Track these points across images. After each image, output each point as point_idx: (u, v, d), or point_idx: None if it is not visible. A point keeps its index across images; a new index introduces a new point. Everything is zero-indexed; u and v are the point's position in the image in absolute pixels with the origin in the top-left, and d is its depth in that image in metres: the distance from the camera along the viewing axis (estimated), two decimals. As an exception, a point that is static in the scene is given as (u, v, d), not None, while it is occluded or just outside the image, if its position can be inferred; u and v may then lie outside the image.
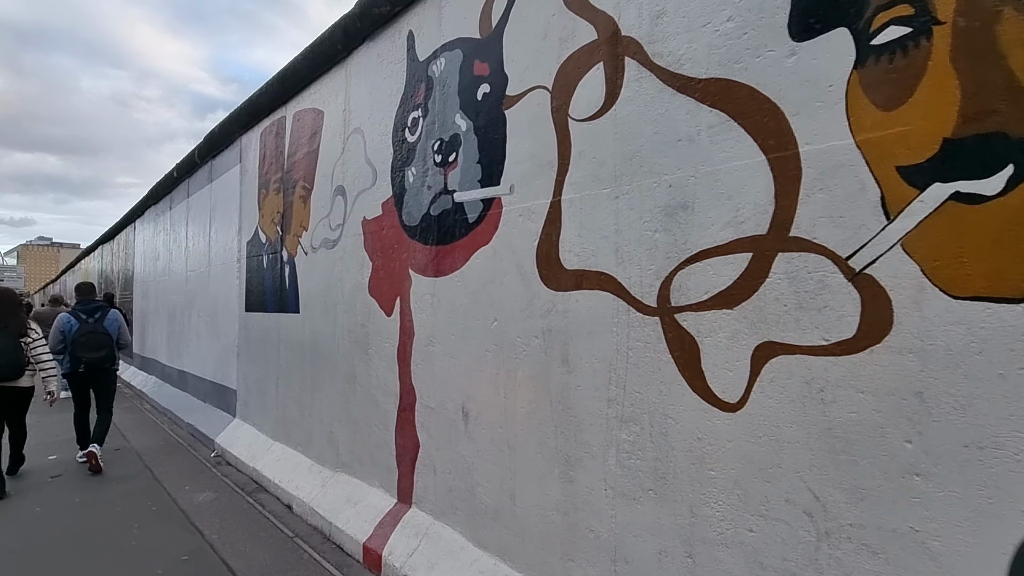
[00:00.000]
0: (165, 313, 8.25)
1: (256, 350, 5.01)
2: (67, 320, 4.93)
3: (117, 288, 12.62)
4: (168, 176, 7.83)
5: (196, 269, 6.77)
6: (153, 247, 9.15)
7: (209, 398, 6.18)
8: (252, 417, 5.07)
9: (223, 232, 5.90)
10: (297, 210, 4.37)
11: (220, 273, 5.95)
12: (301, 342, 4.24)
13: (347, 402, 3.63)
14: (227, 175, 5.83)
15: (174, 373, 7.64)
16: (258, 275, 5.01)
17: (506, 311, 2.47)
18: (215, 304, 6.11)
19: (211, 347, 6.20)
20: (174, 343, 7.70)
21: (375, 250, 3.40)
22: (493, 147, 2.57)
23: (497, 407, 2.50)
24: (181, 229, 7.46)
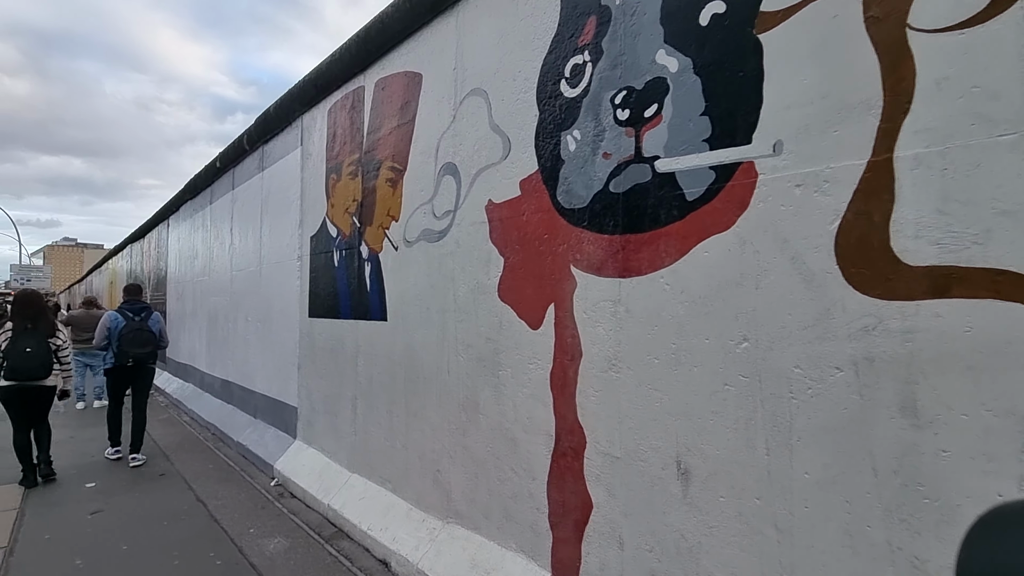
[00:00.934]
0: (204, 316, 7.60)
1: (324, 362, 4.29)
2: (114, 318, 5.20)
3: (148, 289, 12.08)
4: (209, 167, 7.17)
5: (244, 268, 6.09)
6: (190, 245, 8.53)
7: (261, 414, 5.48)
8: (319, 441, 4.34)
9: (278, 226, 5.19)
10: (382, 197, 3.63)
11: (275, 273, 5.25)
12: (390, 356, 3.49)
13: (464, 436, 2.87)
14: (284, 161, 5.12)
15: (216, 383, 6.98)
16: (327, 275, 4.28)
17: (769, 327, 1.67)
18: (268, 308, 5.41)
19: (263, 356, 5.50)
20: (216, 349, 7.03)
21: (509, 242, 2.62)
22: (734, 90, 1.78)
23: (750, 467, 1.71)
24: (224, 224, 6.80)
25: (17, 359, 4.26)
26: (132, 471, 4.92)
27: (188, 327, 8.47)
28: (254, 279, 5.76)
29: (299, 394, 4.69)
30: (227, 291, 6.64)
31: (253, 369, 5.74)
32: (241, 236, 6.20)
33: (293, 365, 4.81)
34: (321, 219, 4.40)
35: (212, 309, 7.24)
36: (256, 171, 5.81)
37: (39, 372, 4.34)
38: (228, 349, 6.54)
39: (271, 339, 5.31)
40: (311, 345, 4.50)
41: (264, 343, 5.48)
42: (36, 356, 4.32)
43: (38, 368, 4.33)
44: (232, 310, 6.44)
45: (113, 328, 5.13)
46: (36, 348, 4.33)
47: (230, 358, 6.46)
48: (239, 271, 6.24)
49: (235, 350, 6.30)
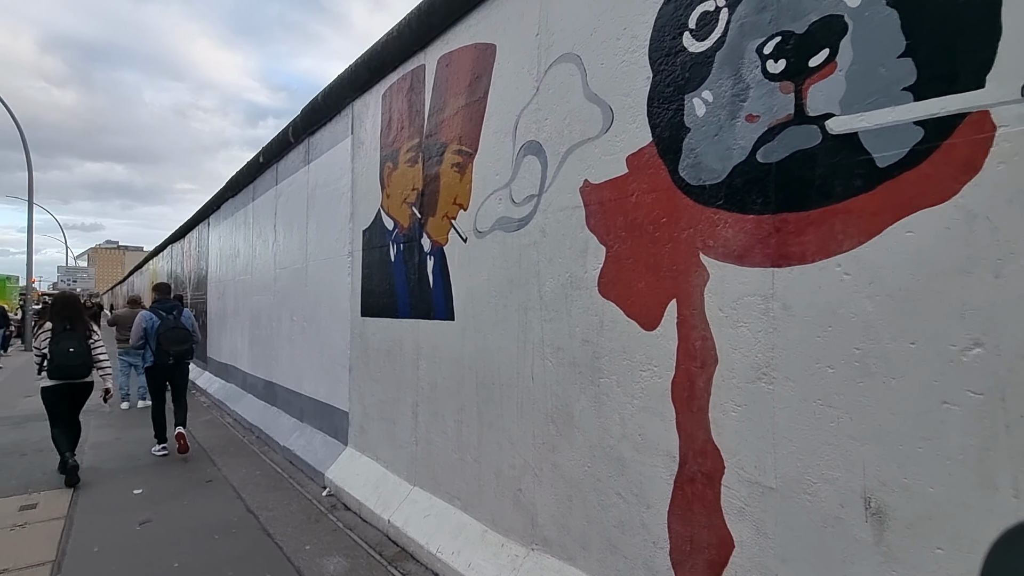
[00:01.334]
0: (246, 315, 7.45)
1: (379, 365, 3.99)
2: (149, 317, 5.31)
3: (189, 289, 12.13)
4: (252, 163, 7.01)
5: (288, 266, 5.87)
6: (231, 243, 8.42)
7: (308, 418, 5.23)
8: (374, 449, 4.05)
9: (327, 220, 4.93)
10: (447, 184, 3.30)
11: (322, 270, 4.99)
12: (458, 359, 3.16)
13: (553, 452, 2.51)
14: (333, 152, 4.86)
15: (259, 384, 6.80)
16: (382, 271, 3.99)
17: (1018, 328, 1.26)
18: (315, 306, 5.16)
19: (310, 357, 5.26)
20: (259, 350, 6.86)
21: (613, 228, 2.25)
22: (953, 20, 1.37)
23: (987, 513, 1.30)
24: (267, 221, 6.61)
25: (63, 358, 4.43)
26: (179, 476, 4.73)
27: (230, 327, 8.36)
28: (299, 277, 5.53)
29: (350, 398, 4.42)
30: (270, 289, 6.44)
31: (299, 370, 5.51)
32: (285, 232, 5.99)
33: (343, 367, 4.54)
34: (375, 211, 4.11)
35: (254, 308, 7.08)
36: (302, 164, 5.58)
37: (82, 371, 4.54)
38: (272, 349, 6.34)
39: (318, 339, 5.06)
40: (364, 346, 4.21)
41: (311, 344, 5.24)
42: (79, 355, 4.51)
43: (81, 367, 4.52)
44: (276, 309, 6.24)
45: (149, 327, 5.28)
46: (78, 347, 4.52)
47: (274, 359, 6.26)
48: (283, 269, 6.03)
49: (279, 350, 6.09)
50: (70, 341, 4.48)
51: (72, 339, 4.50)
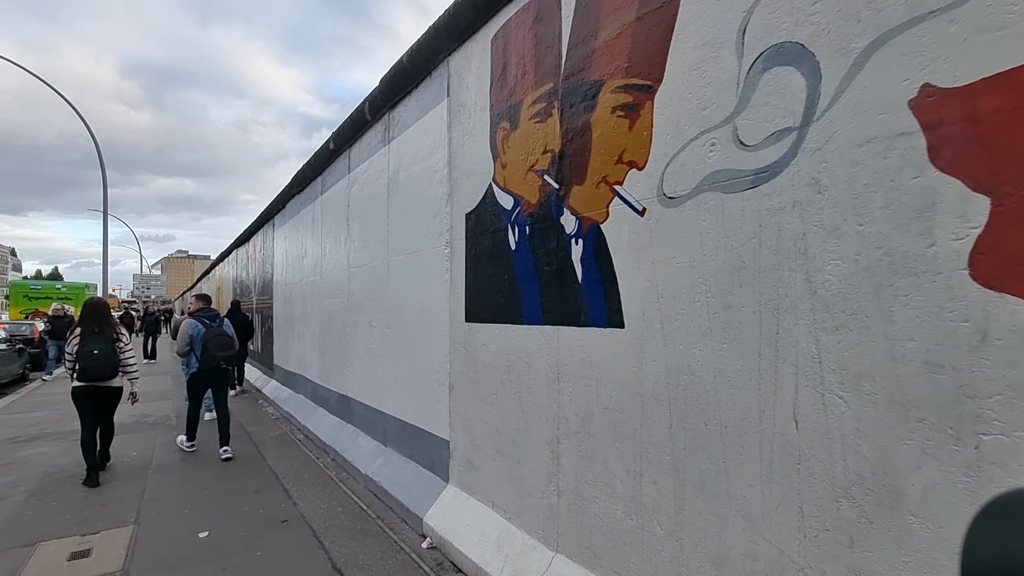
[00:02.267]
0: (315, 320, 6.80)
1: (494, 384, 3.09)
2: (194, 325, 5.44)
3: (254, 293, 11.81)
4: (321, 152, 6.34)
5: (365, 264, 5.11)
6: (297, 243, 7.84)
7: (394, 442, 4.43)
8: (488, 491, 3.16)
9: (414, 206, 4.11)
10: (606, 136, 2.36)
11: (409, 266, 4.18)
12: (631, 383, 2.21)
13: (851, 548, 1.50)
14: (421, 124, 4.03)
15: (331, 397, 6.11)
16: (496, 263, 3.10)
17: None
18: (400, 310, 4.35)
19: (394, 370, 4.45)
20: (330, 359, 6.17)
21: (1012, 162, 1.24)
22: None
23: None
24: (339, 214, 5.91)
25: (87, 360, 4.52)
26: (250, 512, 4.01)
27: (297, 332, 7.77)
28: (379, 276, 4.75)
29: (451, 423, 3.55)
30: (343, 291, 5.73)
31: (381, 385, 4.72)
32: (361, 225, 5.24)
33: (441, 384, 3.68)
34: (484, 187, 3.23)
35: (325, 312, 6.41)
36: (380, 144, 4.80)
37: (106, 372, 4.62)
38: (346, 359, 5.61)
39: (405, 349, 4.24)
40: (471, 359, 3.33)
41: (395, 354, 4.43)
42: (103, 357, 4.58)
43: (105, 368, 4.60)
44: (350, 313, 5.50)
45: (195, 335, 5.42)
46: (103, 350, 4.58)
47: (349, 370, 5.52)
48: (359, 267, 5.28)
49: (356, 361, 5.34)
50: (96, 344, 4.58)
51: (98, 342, 4.59)
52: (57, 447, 5.94)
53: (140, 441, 6.18)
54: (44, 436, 6.53)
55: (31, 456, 5.59)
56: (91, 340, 4.58)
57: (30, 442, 6.23)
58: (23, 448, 5.94)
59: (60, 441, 6.21)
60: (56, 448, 5.90)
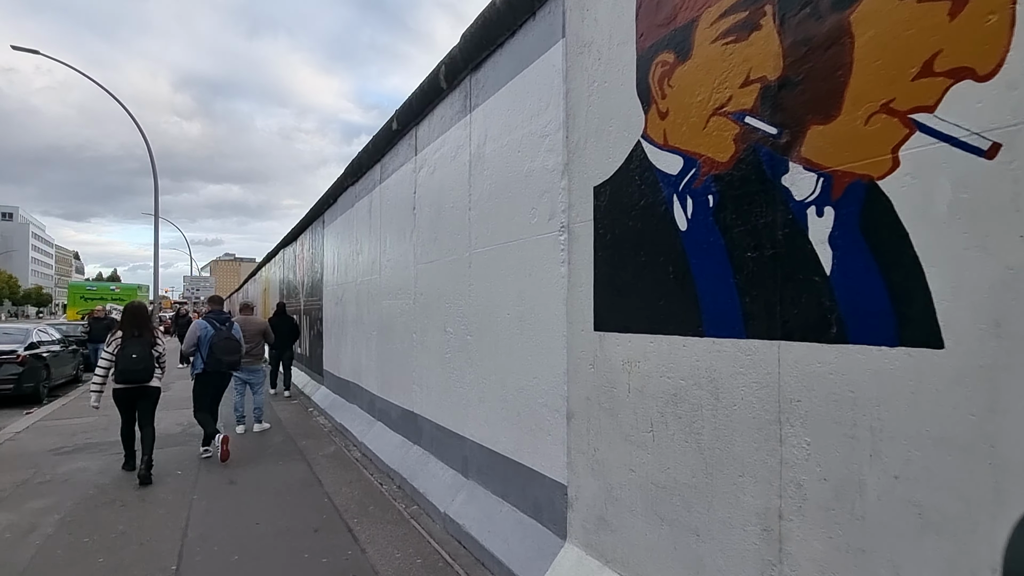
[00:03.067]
0: (373, 324, 6.10)
1: (649, 418, 2.23)
2: (204, 326, 5.47)
3: (302, 294, 11.34)
4: (381, 135, 5.64)
5: (437, 259, 4.34)
6: (350, 239, 7.18)
7: (481, 475, 3.62)
8: (637, 564, 2.29)
9: (508, 183, 3.30)
10: (886, 38, 1.46)
11: (501, 259, 3.36)
12: (963, 440, 1.30)
13: None
14: (521, 80, 3.21)
15: (392, 411, 5.38)
16: (650, 250, 2.24)
17: None
18: (486, 313, 3.54)
19: (479, 386, 3.65)
20: (392, 368, 5.44)
21: None
22: None
23: None
24: (402, 204, 5.18)
25: (126, 363, 4.71)
26: (312, 560, 3.27)
27: (351, 337, 7.11)
28: (457, 273, 3.97)
29: (571, 463, 2.71)
30: (408, 291, 4.98)
31: (460, 404, 3.93)
32: (431, 214, 4.47)
33: (553, 410, 2.85)
34: (627, 148, 2.37)
35: (384, 315, 5.69)
36: (459, 115, 4.02)
37: (143, 375, 4.81)
38: (412, 369, 4.86)
39: (495, 362, 3.43)
40: (606, 382, 2.48)
41: (481, 367, 3.63)
42: (141, 360, 4.76)
43: (142, 372, 4.79)
44: (418, 317, 4.74)
45: (203, 336, 5.43)
46: (141, 353, 4.77)
47: (417, 383, 4.77)
48: (429, 263, 4.51)
49: (425, 372, 4.58)
50: (135, 347, 4.75)
51: (137, 345, 4.76)
52: (100, 461, 5.42)
53: (186, 456, 5.60)
54: (88, 447, 6.05)
55: (72, 473, 5.07)
56: (130, 344, 4.75)
57: (73, 454, 5.75)
58: (65, 462, 5.45)
59: (104, 454, 5.70)
60: (99, 463, 5.38)
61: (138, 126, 16.74)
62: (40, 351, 9.99)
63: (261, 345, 6.82)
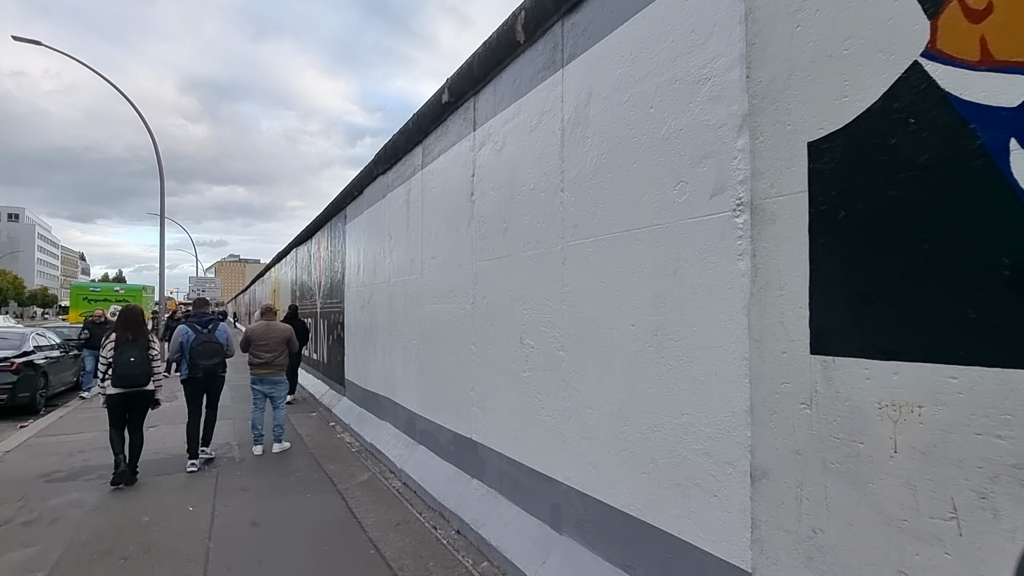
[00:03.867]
0: (411, 331, 5.29)
1: (950, 499, 1.41)
2: (185, 332, 5.37)
3: (318, 296, 10.55)
4: (426, 112, 4.83)
5: (507, 254, 3.53)
6: (380, 235, 6.38)
7: (587, 535, 2.78)
8: None
9: (633, 151, 2.48)
10: None
11: (616, 252, 2.55)
12: None
13: None
14: (655, 8, 2.39)
15: (441, 436, 4.56)
16: (945, 233, 1.42)
17: None
18: (590, 323, 2.72)
19: (579, 417, 2.83)
20: (440, 384, 4.63)
21: None
22: None
23: None
24: (455, 190, 4.36)
25: (124, 367, 4.65)
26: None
27: (381, 344, 6.30)
28: (543, 269, 3.15)
29: (761, 544, 1.88)
30: (462, 293, 4.17)
31: (550, 436, 3.10)
32: (499, 199, 3.66)
33: (724, 464, 2.02)
34: (892, 76, 1.55)
35: (429, 321, 4.88)
36: (544, 72, 3.19)
37: (142, 379, 4.77)
38: (470, 387, 4.05)
39: (613, 388, 2.61)
40: (838, 433, 1.65)
41: (584, 393, 2.81)
42: (139, 365, 4.72)
43: (141, 376, 4.75)
44: (478, 324, 3.93)
45: (185, 341, 5.33)
46: (139, 357, 4.73)
47: (477, 403, 3.95)
48: (495, 259, 3.70)
49: (491, 392, 3.76)
50: (131, 352, 4.72)
51: (133, 349, 4.74)
52: (97, 493, 4.63)
53: (198, 486, 4.80)
54: (85, 472, 5.27)
55: (63, 509, 4.28)
56: (127, 348, 4.73)
57: (67, 482, 4.96)
58: (57, 492, 4.66)
59: (102, 480, 4.92)
60: (96, 495, 4.59)
61: (143, 119, 16.05)
62: (37, 357, 9.22)
63: (285, 355, 6.01)
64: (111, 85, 15.73)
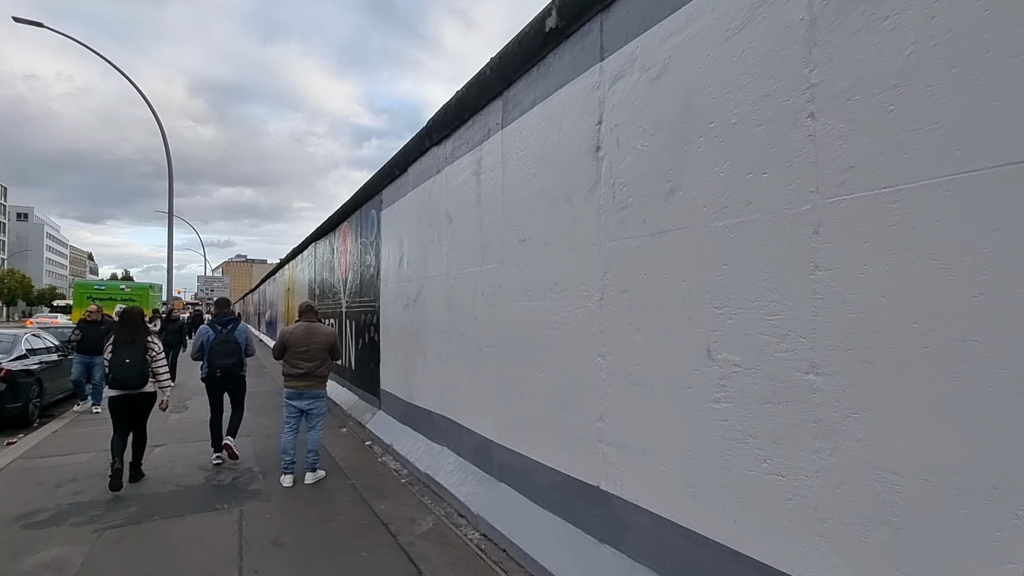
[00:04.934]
0: (485, 335, 4.17)
1: None
2: (206, 331, 5.37)
3: (343, 295, 9.46)
4: (516, 47, 3.70)
5: (666, 227, 2.39)
6: (437, 218, 5.25)
7: None
8: None
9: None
10: None
11: (949, 210, 1.42)
12: None
13: None
14: None
15: (544, 478, 3.43)
16: None
17: None
18: (902, 322, 1.59)
19: (854, 490, 1.69)
20: (534, 406, 3.49)
21: None
22: None
23: None
24: (567, 148, 3.23)
25: (118, 369, 4.59)
26: None
27: (435, 351, 5.18)
28: (766, 244, 2.02)
29: None
30: (583, 286, 3.04)
31: (775, 508, 1.96)
32: (655, 146, 2.52)
33: None
34: None
35: (516, 324, 3.75)
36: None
37: (136, 381, 4.63)
38: (595, 416, 2.91)
39: (954, 441, 1.48)
40: None
41: (863, 446, 1.68)
42: (133, 366, 4.61)
43: (135, 378, 4.62)
44: (613, 329, 2.79)
45: (206, 341, 5.32)
46: (134, 359, 4.63)
47: (610, 439, 2.81)
48: (652, 235, 2.56)
49: (638, 426, 2.62)
50: (127, 353, 4.63)
51: (129, 351, 4.64)
52: (86, 547, 3.53)
53: (218, 541, 3.68)
54: (74, 511, 4.19)
55: (37, 573, 3.19)
56: (122, 350, 4.64)
57: (49, 528, 3.87)
58: (33, 545, 3.57)
59: (95, 525, 3.84)
60: (84, 550, 3.50)
61: (151, 107, 15.08)
62: (30, 363, 8.17)
63: (328, 364, 4.88)
64: (113, 66, 14.80)
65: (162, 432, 6.72)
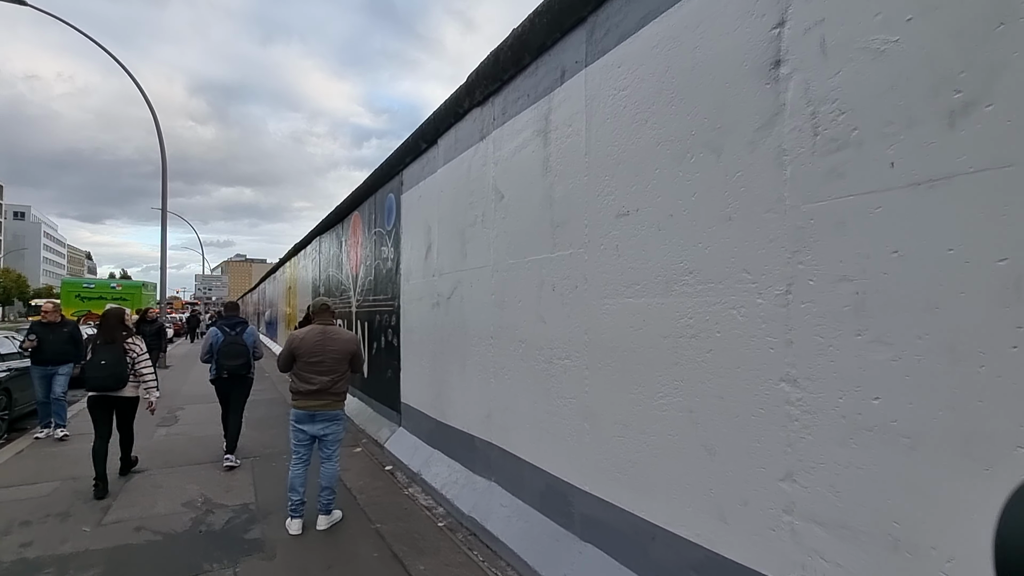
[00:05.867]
0: (557, 343, 3.15)
1: None
2: (215, 334, 5.42)
3: (354, 293, 8.43)
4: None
5: (967, 168, 1.38)
6: (480, 195, 4.23)
7: None
8: None
9: None
10: None
11: None
12: None
13: None
14: None
15: (666, 550, 2.41)
16: None
17: None
18: None
19: None
20: (646, 445, 2.48)
21: None
22: None
23: None
24: (717, 73, 2.22)
25: (92, 371, 4.48)
26: None
27: (478, 360, 4.16)
28: None
29: None
30: (758, 276, 2.03)
31: None
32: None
33: None
34: None
35: (614, 329, 2.72)
36: None
37: (110, 383, 4.50)
38: (778, 474, 1.90)
39: None
40: None
41: None
42: (108, 367, 4.47)
43: (108, 379, 4.48)
44: (808, 342, 1.78)
45: (214, 343, 5.36)
46: (109, 359, 4.50)
47: (823, 515, 1.80)
48: (913, 185, 1.55)
49: (916, 505, 1.61)
50: (104, 354, 4.51)
51: (107, 353, 4.52)
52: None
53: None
54: (32, 572, 3.18)
55: None
56: (100, 350, 4.53)
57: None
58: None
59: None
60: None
61: (147, 101, 14.05)
62: (-3, 370, 7.13)
63: (347, 378, 3.83)
64: (111, 56, 13.76)
65: (146, 452, 5.71)
